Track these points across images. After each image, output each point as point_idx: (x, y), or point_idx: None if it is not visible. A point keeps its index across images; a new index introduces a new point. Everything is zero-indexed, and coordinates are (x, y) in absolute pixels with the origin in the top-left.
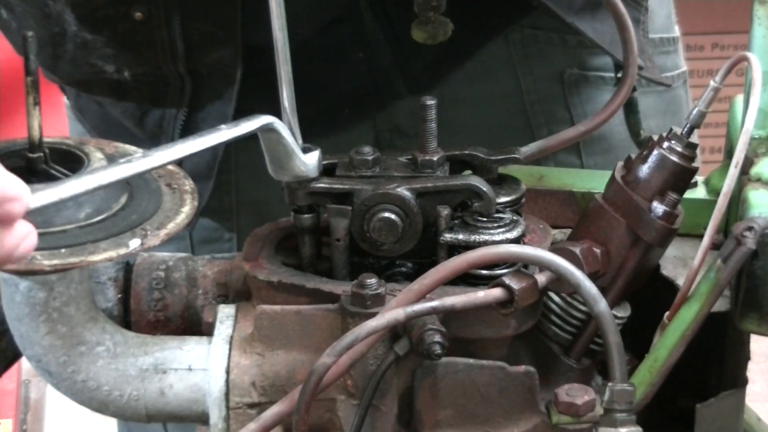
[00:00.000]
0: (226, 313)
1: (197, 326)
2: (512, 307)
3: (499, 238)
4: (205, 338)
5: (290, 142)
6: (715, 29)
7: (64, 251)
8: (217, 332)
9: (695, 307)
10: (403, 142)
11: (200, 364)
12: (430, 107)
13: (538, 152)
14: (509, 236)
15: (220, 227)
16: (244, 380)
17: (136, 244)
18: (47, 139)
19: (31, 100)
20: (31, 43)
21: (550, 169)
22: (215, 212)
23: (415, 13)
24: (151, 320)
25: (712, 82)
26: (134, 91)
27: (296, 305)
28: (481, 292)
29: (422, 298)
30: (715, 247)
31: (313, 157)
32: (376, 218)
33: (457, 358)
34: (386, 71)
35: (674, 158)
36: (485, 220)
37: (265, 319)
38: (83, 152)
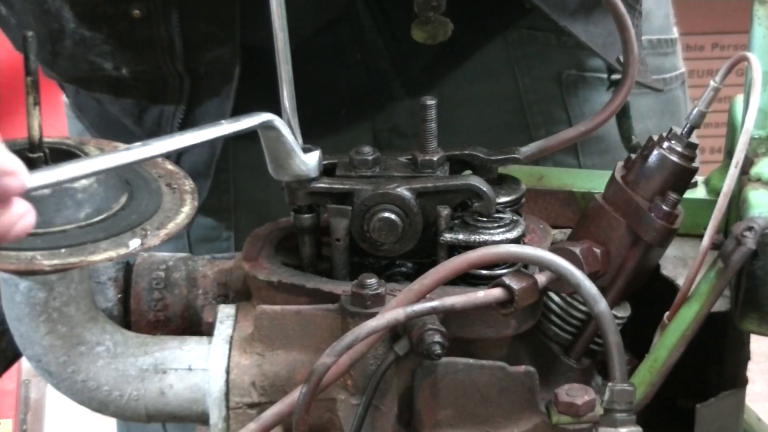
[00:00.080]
0: (226, 313)
1: (197, 326)
2: (512, 307)
3: (499, 238)
4: (205, 338)
5: (290, 140)
6: (715, 29)
7: (64, 251)
8: (217, 332)
9: (695, 307)
10: (402, 142)
11: (200, 364)
12: (430, 107)
13: (537, 152)
14: (509, 236)
15: (218, 226)
16: (244, 380)
17: (136, 244)
18: (47, 139)
19: (31, 100)
20: (31, 43)
21: (550, 169)
22: (214, 211)
23: (414, 13)
24: (151, 320)
25: (712, 82)
26: (133, 88)
27: (296, 305)
28: (481, 292)
29: (422, 298)
30: (715, 247)
31: (313, 156)
32: (376, 218)
33: (457, 358)
34: (384, 72)
35: (674, 158)
36: (485, 220)
37: (265, 319)
38: (83, 152)
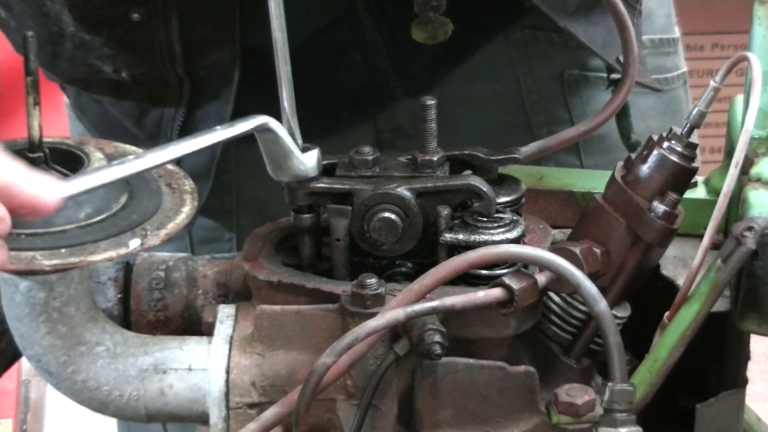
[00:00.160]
0: (226, 313)
1: (197, 326)
2: (512, 307)
3: (499, 238)
4: (205, 338)
5: (287, 141)
6: (715, 29)
7: (64, 251)
8: (217, 332)
9: (695, 307)
10: (404, 142)
11: (200, 364)
12: (430, 107)
13: (538, 152)
14: (509, 236)
15: (220, 227)
16: (244, 380)
17: (136, 244)
18: (47, 139)
19: (31, 100)
20: (31, 43)
21: (550, 169)
22: (215, 212)
23: (414, 13)
24: (151, 320)
25: (712, 82)
26: (133, 91)
27: (296, 305)
28: (481, 292)
29: (422, 298)
30: (715, 247)
31: (311, 156)
32: (376, 218)
33: (457, 358)
34: (384, 72)
35: (674, 158)
36: (485, 220)
37: (265, 319)
38: (83, 152)
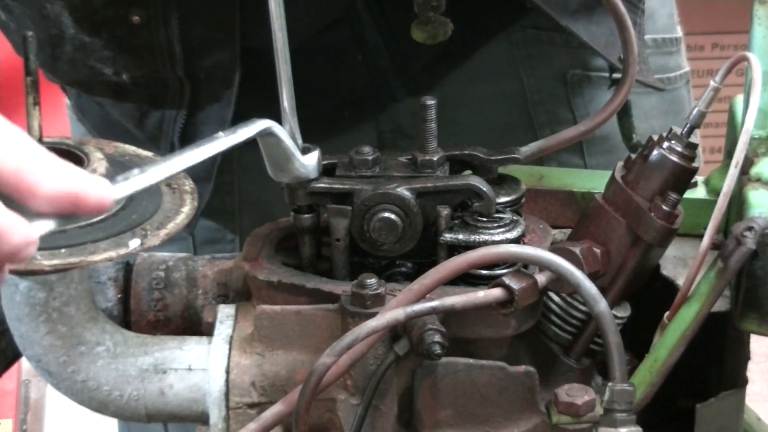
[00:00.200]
0: (226, 313)
1: (197, 326)
2: (512, 307)
3: (499, 238)
4: (205, 338)
5: (289, 145)
6: (715, 29)
7: (64, 251)
8: (217, 332)
9: (695, 307)
10: (406, 142)
11: (200, 364)
12: (430, 107)
13: (538, 152)
14: (509, 236)
15: (222, 228)
16: (244, 380)
17: (136, 244)
18: (47, 139)
19: (31, 100)
20: (30, 43)
21: (550, 169)
22: (218, 213)
23: (414, 13)
24: (151, 320)
25: (712, 82)
26: (133, 93)
27: (296, 305)
28: (481, 292)
29: (422, 298)
30: (715, 247)
31: (312, 158)
32: (376, 218)
33: (457, 358)
34: (385, 72)
35: (674, 158)
36: (485, 220)
37: (265, 319)
38: (83, 152)
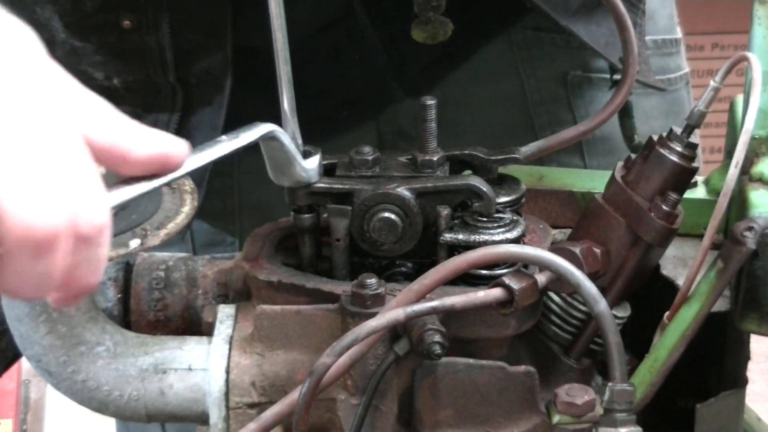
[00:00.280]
0: (226, 313)
1: (197, 326)
2: (512, 307)
3: (499, 238)
4: (205, 338)
5: (291, 149)
6: (715, 29)
7: None
8: (217, 332)
9: (695, 307)
10: (406, 143)
11: (200, 364)
12: (429, 107)
13: (537, 152)
14: (509, 236)
15: (222, 230)
16: (244, 380)
17: (136, 244)
18: None
19: None
20: None
21: (550, 169)
22: (218, 215)
23: (414, 13)
24: (151, 320)
25: (712, 82)
26: (125, 98)
27: (296, 305)
28: (481, 292)
29: (422, 298)
30: (715, 247)
31: (313, 161)
32: (376, 218)
33: (457, 358)
34: (383, 72)
35: (674, 158)
36: (485, 220)
37: (265, 319)
38: None
